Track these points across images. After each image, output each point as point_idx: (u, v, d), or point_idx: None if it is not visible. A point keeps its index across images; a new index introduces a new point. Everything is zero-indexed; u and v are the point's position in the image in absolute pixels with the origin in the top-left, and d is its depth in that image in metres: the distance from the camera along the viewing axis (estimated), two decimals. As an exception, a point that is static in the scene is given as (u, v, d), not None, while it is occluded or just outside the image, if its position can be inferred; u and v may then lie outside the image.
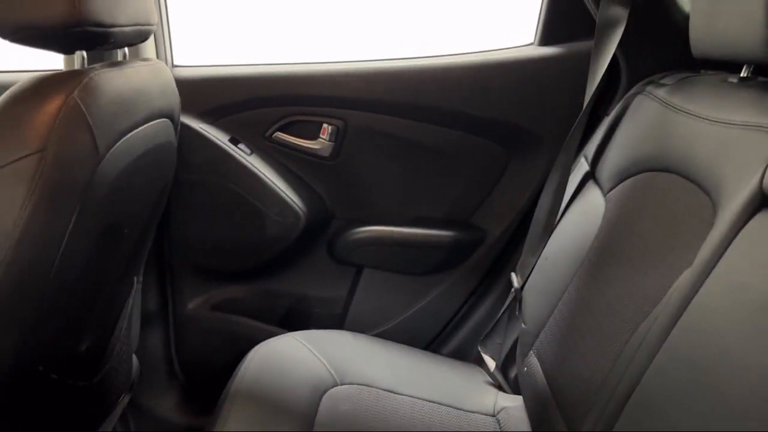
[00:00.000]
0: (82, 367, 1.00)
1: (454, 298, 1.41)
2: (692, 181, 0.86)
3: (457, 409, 1.16)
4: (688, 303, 0.71)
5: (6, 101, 0.76)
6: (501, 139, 1.33)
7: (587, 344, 0.94)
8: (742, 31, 0.85)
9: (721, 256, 0.69)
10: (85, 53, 0.87)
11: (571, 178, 1.22)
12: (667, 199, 0.92)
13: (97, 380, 1.06)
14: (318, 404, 1.07)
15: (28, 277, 0.76)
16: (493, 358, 1.29)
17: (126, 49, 0.99)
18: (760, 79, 0.95)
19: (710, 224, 0.76)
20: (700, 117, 0.90)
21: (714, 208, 0.77)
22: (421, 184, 1.37)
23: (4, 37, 0.80)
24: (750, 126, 0.78)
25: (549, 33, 1.29)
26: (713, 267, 0.70)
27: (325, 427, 1.02)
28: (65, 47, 0.85)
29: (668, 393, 0.69)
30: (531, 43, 1.32)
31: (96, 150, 0.80)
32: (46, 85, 0.78)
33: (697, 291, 0.70)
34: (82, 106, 0.77)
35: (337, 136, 1.33)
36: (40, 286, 0.78)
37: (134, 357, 1.31)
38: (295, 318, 1.42)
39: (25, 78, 0.81)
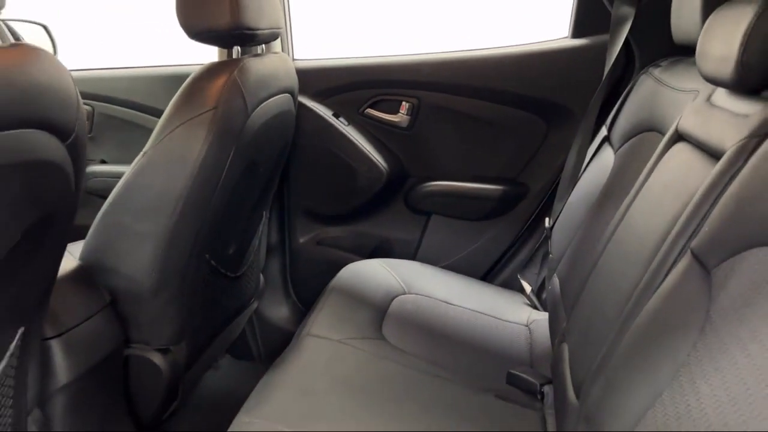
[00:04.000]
0: (230, 263, 1.45)
1: (503, 239, 1.75)
2: (662, 134, 1.17)
3: (498, 318, 1.51)
4: (627, 211, 1.04)
5: (194, 78, 1.21)
6: (542, 113, 1.66)
7: (585, 258, 1.27)
8: (694, 22, 1.15)
9: (648, 178, 1.02)
10: (239, 48, 1.31)
11: (594, 142, 1.54)
12: (648, 150, 1.23)
13: (238, 275, 1.51)
14: (389, 304, 1.45)
15: (204, 188, 1.20)
16: (529, 284, 1.63)
17: (263, 45, 1.43)
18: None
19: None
20: (672, 87, 1.22)
21: (665, 150, 1.09)
22: (478, 148, 1.72)
23: (192, 37, 1.25)
24: (691, 91, 1.10)
25: (579, 27, 1.60)
26: (644, 185, 1.03)
27: (393, 318, 1.40)
28: (227, 44, 1.30)
29: (608, 265, 1.03)
30: (565, 36, 1.64)
31: (246, 110, 1.24)
32: (217, 68, 1.23)
33: (632, 203, 1.04)
34: (238, 81, 1.21)
35: (413, 112, 1.71)
36: (209, 196, 1.22)
37: (261, 275, 1.77)
38: (379, 253, 1.82)
39: (202, 65, 1.26)
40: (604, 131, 1.51)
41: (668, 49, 1.40)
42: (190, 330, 1.33)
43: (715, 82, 0.88)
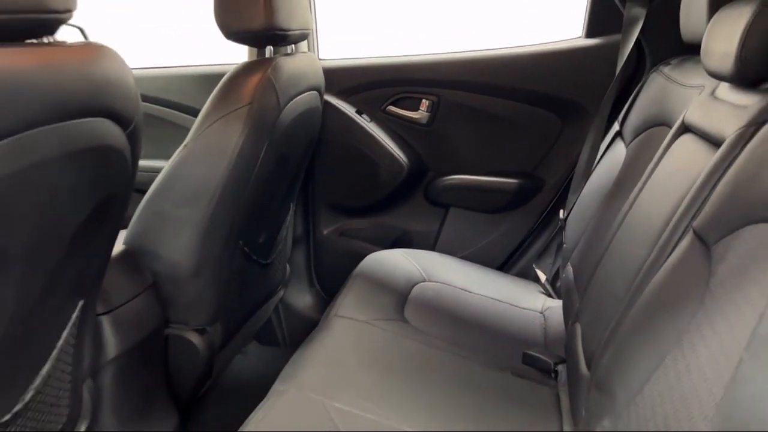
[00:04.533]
0: (261, 250, 1.54)
1: (519, 231, 1.82)
2: (670, 127, 1.24)
3: (514, 305, 1.59)
4: (636, 199, 1.11)
5: (231, 75, 1.30)
6: (557, 110, 1.73)
7: (597, 245, 1.34)
8: (701, 22, 1.22)
9: (656, 167, 1.10)
10: (272, 48, 1.40)
11: (606, 137, 1.61)
12: (657, 143, 1.30)
13: (268, 262, 1.60)
14: (410, 290, 1.53)
15: (240, 178, 1.29)
16: (544, 273, 1.70)
17: (293, 45, 1.51)
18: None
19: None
20: (680, 84, 1.29)
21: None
22: (496, 144, 1.79)
23: (228, 37, 1.34)
24: (697, 86, 1.17)
25: (593, 28, 1.68)
26: (652, 174, 1.10)
27: (414, 303, 1.48)
28: (261, 44, 1.39)
29: (618, 249, 1.10)
30: (579, 36, 1.71)
31: (278, 105, 1.32)
32: (252, 66, 1.31)
33: (641, 191, 1.11)
34: (272, 78, 1.30)
35: (433, 109, 1.79)
36: (244, 186, 1.31)
37: (287, 265, 1.85)
38: (399, 244, 1.89)
39: (238, 64, 1.35)
40: (616, 126, 1.58)
41: (677, 47, 1.47)
42: (224, 312, 1.42)
43: (718, 76, 0.95)
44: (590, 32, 1.68)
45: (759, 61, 0.84)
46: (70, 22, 1.99)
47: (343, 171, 1.87)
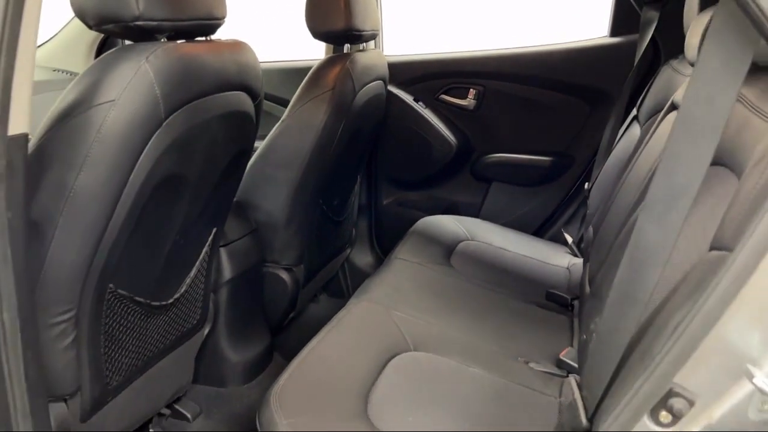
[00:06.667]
0: (335, 210, 1.89)
1: (552, 201, 2.12)
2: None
3: (543, 262, 1.89)
4: (635, 163, 1.41)
5: (318, 66, 1.65)
6: (585, 97, 2.02)
7: (608, 205, 1.64)
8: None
9: (651, 138, 1.39)
10: (349, 45, 1.75)
11: (626, 121, 1.90)
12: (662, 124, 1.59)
13: (340, 220, 1.95)
14: (456, 245, 1.85)
15: (323, 148, 1.63)
16: (571, 236, 2.00)
17: (364, 43, 1.86)
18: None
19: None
20: (682, 74, 1.57)
21: (670, 120, 1.45)
22: (532, 127, 2.09)
23: (315, 37, 1.69)
24: (688, 75, 1.46)
25: (616, 28, 1.97)
26: (648, 142, 1.40)
27: (458, 254, 1.79)
28: (341, 42, 1.74)
29: (618, 200, 1.40)
30: (605, 35, 2.00)
31: (354, 90, 1.67)
32: (334, 59, 1.67)
33: (639, 156, 1.41)
34: (350, 69, 1.64)
35: (479, 97, 2.11)
36: (326, 155, 1.66)
37: (353, 229, 2.20)
38: (448, 214, 2.21)
39: (320, 59, 1.70)
40: (634, 112, 1.86)
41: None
42: (307, 256, 1.77)
43: (693, 65, 1.24)
44: (614, 32, 1.97)
45: (715, 52, 1.13)
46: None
47: (401, 150, 2.20)
